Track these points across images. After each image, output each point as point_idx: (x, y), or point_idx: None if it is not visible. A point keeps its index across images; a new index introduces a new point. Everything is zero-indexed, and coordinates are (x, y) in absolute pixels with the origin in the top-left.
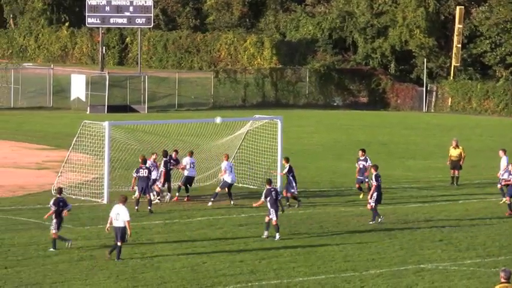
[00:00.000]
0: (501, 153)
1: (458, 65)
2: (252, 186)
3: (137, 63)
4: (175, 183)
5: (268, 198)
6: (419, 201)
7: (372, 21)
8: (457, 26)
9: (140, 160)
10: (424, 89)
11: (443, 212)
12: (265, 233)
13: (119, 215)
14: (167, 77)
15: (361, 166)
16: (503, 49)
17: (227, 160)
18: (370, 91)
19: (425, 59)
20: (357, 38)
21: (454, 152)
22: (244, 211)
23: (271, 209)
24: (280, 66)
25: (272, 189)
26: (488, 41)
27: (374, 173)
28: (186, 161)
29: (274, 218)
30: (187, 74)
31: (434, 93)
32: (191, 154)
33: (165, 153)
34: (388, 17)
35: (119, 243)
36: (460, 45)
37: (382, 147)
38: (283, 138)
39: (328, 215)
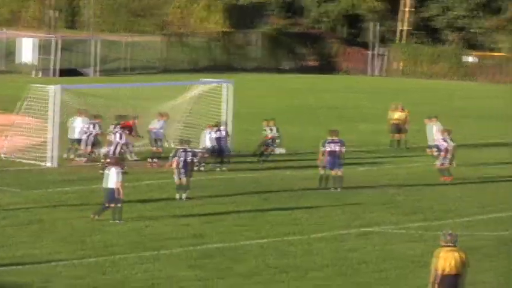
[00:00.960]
0: (426, 120)
1: (408, 28)
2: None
3: (87, 27)
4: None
5: (180, 159)
6: (366, 164)
7: None
8: None
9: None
10: (374, 52)
11: (389, 176)
12: (177, 195)
13: (109, 177)
14: (118, 40)
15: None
16: (453, 13)
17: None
18: (320, 55)
19: (375, 23)
20: (307, 2)
21: (398, 116)
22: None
23: (182, 169)
24: (230, 30)
25: (182, 150)
26: (438, 5)
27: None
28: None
29: (178, 178)
30: (137, 38)
31: (384, 57)
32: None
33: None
34: None
35: (106, 205)
36: (410, 9)
37: (333, 110)
38: (233, 102)
39: (275, 179)
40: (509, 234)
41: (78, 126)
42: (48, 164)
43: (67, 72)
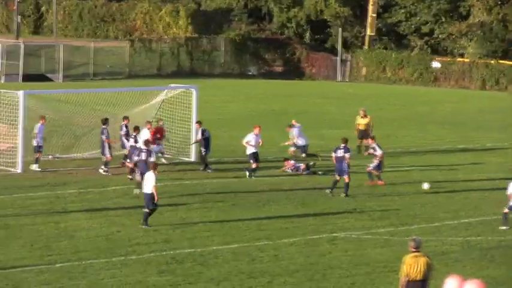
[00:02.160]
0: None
1: (373, 34)
2: (167, 156)
3: (52, 32)
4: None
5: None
6: (331, 170)
7: None
8: None
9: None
10: (339, 58)
11: (356, 182)
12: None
13: (147, 181)
14: (82, 46)
15: None
16: (417, 18)
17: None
18: (285, 60)
19: (340, 29)
20: (272, 8)
21: (361, 121)
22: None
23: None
24: (195, 35)
25: (140, 150)
26: (403, 11)
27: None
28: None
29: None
30: (102, 43)
31: (349, 62)
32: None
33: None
34: None
35: (145, 210)
36: (375, 15)
37: (298, 116)
38: (198, 108)
39: (242, 184)
40: (476, 239)
41: (39, 132)
42: (18, 170)
43: (35, 77)
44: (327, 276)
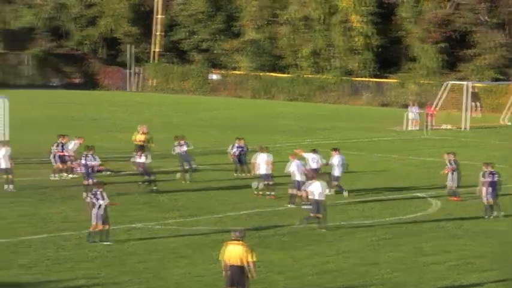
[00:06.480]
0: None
1: (159, 50)
2: None
3: None
4: None
5: None
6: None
7: (83, 12)
8: (158, 16)
9: None
10: (129, 71)
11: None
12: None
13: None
14: None
15: None
16: (197, 37)
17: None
18: (83, 73)
19: (130, 45)
20: (70, 27)
21: (139, 137)
22: None
23: None
24: (2, 51)
25: None
26: (184, 30)
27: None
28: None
29: None
30: None
31: (138, 75)
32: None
33: None
34: (97, 9)
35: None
36: (160, 33)
37: (93, 122)
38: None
39: (49, 182)
40: (254, 228)
41: None
42: None
43: None
44: (124, 261)
